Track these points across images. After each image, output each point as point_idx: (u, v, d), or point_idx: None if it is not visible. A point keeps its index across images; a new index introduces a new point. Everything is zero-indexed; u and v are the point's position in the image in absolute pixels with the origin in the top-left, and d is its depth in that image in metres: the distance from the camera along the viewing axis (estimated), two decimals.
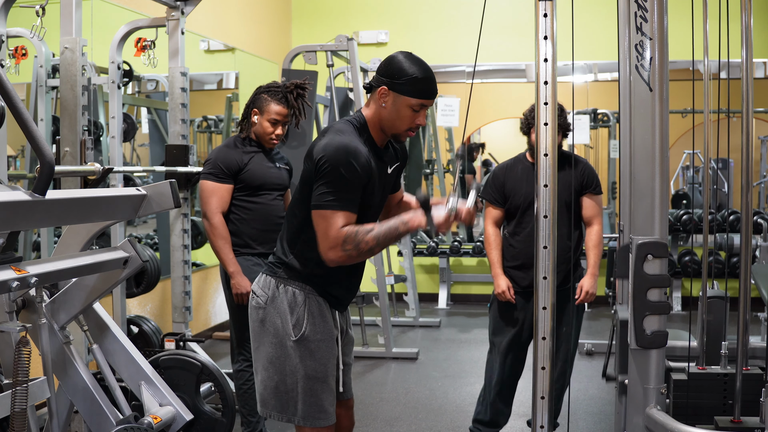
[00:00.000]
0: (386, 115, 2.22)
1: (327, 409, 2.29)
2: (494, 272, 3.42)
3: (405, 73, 2.16)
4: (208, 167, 3.33)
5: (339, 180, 2.12)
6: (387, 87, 2.18)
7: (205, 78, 6.69)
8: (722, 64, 2.58)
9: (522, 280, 3.39)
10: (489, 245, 3.46)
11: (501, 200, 3.44)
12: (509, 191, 3.41)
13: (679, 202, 7.39)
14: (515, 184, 3.40)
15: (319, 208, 2.14)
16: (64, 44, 3.15)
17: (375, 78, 2.24)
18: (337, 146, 2.13)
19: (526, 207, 3.37)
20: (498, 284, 3.38)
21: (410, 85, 2.17)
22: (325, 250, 2.15)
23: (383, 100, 2.20)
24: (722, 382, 2.76)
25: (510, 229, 3.45)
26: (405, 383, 4.74)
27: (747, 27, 2.59)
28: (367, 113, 2.27)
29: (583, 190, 3.41)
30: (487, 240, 3.48)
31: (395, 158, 2.40)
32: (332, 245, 2.13)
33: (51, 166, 1.78)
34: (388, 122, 2.23)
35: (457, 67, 7.61)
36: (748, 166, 2.67)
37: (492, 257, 3.44)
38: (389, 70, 2.19)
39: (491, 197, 3.47)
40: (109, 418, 2.24)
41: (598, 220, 3.45)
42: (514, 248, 3.42)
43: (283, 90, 3.36)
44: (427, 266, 7.54)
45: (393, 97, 2.19)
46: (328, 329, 2.31)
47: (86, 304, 2.26)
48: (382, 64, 2.23)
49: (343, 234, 2.11)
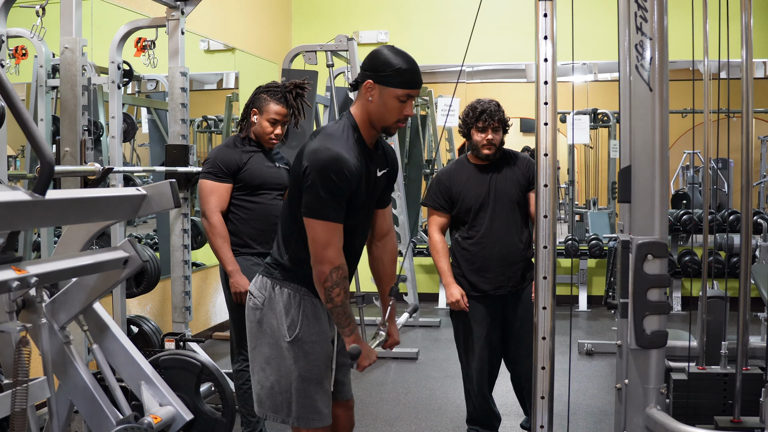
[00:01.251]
0: (374, 108, 2.22)
1: (321, 410, 2.29)
2: (446, 281, 3.34)
3: (390, 65, 2.17)
4: (207, 166, 3.33)
5: (324, 190, 2.14)
6: (373, 80, 2.19)
7: (205, 78, 6.69)
8: (722, 64, 2.58)
9: (481, 284, 3.33)
10: (437, 253, 3.38)
11: (447, 206, 3.38)
12: (456, 195, 3.35)
13: (679, 202, 7.39)
14: (463, 187, 3.34)
15: (308, 216, 2.18)
16: (64, 44, 3.15)
17: (360, 74, 2.24)
18: (325, 156, 2.14)
19: (478, 208, 3.31)
20: (452, 293, 3.32)
21: (396, 76, 2.18)
22: (318, 257, 2.19)
23: (369, 94, 2.21)
24: (722, 382, 2.76)
25: (463, 234, 3.37)
26: (405, 383, 4.74)
27: (747, 27, 2.59)
28: (356, 111, 2.26)
29: (529, 186, 3.34)
30: (434, 247, 3.39)
31: (384, 162, 2.39)
32: (318, 261, 2.18)
33: (51, 166, 1.77)
34: (376, 116, 2.23)
35: (457, 67, 7.60)
36: (748, 166, 2.67)
37: (442, 266, 3.36)
38: (374, 63, 2.20)
39: (436, 204, 3.39)
40: (109, 418, 2.24)
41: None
42: (468, 252, 3.34)
43: (282, 90, 3.36)
44: (427, 266, 7.54)
45: (379, 90, 2.20)
46: (323, 330, 2.32)
47: (86, 304, 2.26)
48: (367, 59, 2.23)
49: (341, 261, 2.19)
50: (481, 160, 3.35)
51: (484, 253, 3.30)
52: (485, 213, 3.31)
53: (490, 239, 3.30)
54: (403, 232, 6.35)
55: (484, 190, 3.32)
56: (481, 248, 3.31)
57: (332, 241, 2.16)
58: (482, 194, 3.31)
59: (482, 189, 3.32)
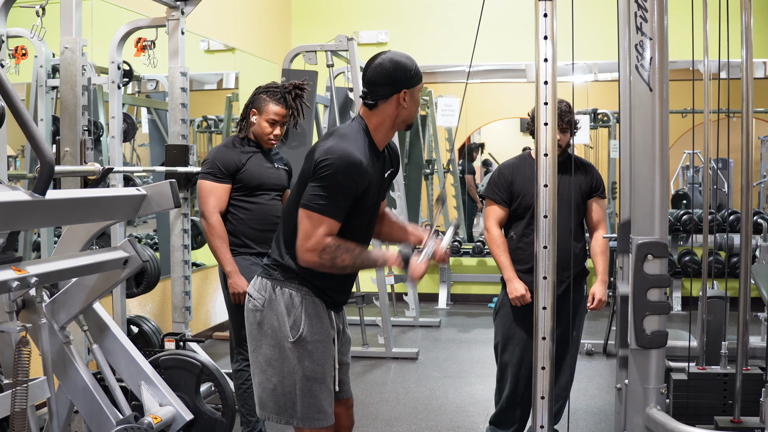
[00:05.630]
0: (408, 112, 2.28)
1: (326, 410, 2.29)
2: (507, 276, 3.23)
3: (408, 68, 2.24)
4: (206, 167, 3.33)
5: (334, 186, 2.14)
6: (406, 89, 2.24)
7: (205, 78, 6.69)
8: (722, 64, 2.58)
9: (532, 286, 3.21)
10: (497, 247, 3.27)
11: (507, 200, 3.28)
12: (517, 191, 3.26)
13: (679, 202, 7.39)
14: (525, 183, 3.24)
15: (308, 208, 2.17)
16: (64, 44, 3.15)
17: (380, 89, 2.23)
18: (340, 153, 2.15)
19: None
20: (515, 288, 3.19)
21: (416, 74, 2.26)
22: (301, 250, 2.18)
23: (404, 103, 2.25)
24: (722, 382, 2.76)
25: (518, 231, 3.28)
26: (405, 383, 4.74)
27: (747, 27, 2.59)
28: (375, 119, 2.27)
29: (591, 194, 3.32)
30: (493, 242, 3.28)
31: (390, 163, 2.42)
32: (311, 248, 2.17)
33: (51, 166, 1.78)
34: (408, 116, 2.30)
35: (456, 67, 7.61)
36: (748, 166, 2.68)
37: (502, 260, 3.25)
38: (397, 74, 2.22)
39: (497, 196, 3.28)
40: (109, 418, 2.25)
41: (603, 225, 3.36)
42: (524, 251, 3.25)
43: (281, 90, 3.36)
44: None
45: (410, 94, 2.26)
46: (325, 330, 2.32)
47: (86, 304, 2.26)
48: (383, 73, 2.22)
49: (324, 243, 2.16)
50: None
51: None
52: None
53: None
54: None
55: None
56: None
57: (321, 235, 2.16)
58: None
59: None
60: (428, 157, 7.69)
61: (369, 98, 2.25)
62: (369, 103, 2.26)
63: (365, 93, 2.26)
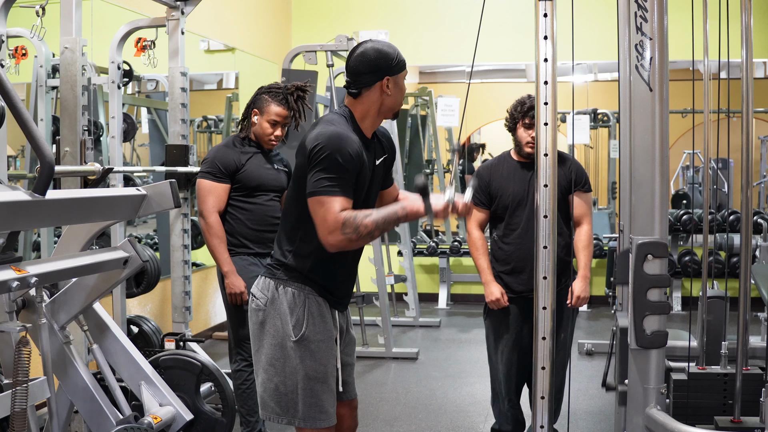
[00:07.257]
0: (392, 99, 2.29)
1: (327, 410, 2.29)
2: (485, 279, 3.24)
3: (390, 55, 2.26)
4: (205, 166, 3.34)
5: (334, 165, 2.14)
6: (389, 76, 2.25)
7: (205, 78, 6.69)
8: (722, 64, 2.58)
9: (515, 285, 3.23)
10: (476, 250, 3.27)
11: (486, 201, 3.28)
12: (495, 191, 3.26)
13: (679, 202, 7.39)
14: (502, 183, 3.25)
15: (316, 194, 2.14)
16: (64, 44, 3.15)
17: (368, 77, 2.25)
18: (330, 134, 2.16)
19: (515, 207, 3.21)
20: (491, 291, 3.21)
21: (399, 62, 2.28)
22: (324, 236, 2.14)
23: (388, 90, 2.26)
24: (722, 382, 2.76)
25: (499, 232, 3.28)
26: (405, 383, 4.74)
27: (747, 27, 2.59)
28: (360, 107, 2.28)
29: (573, 188, 3.24)
30: (473, 244, 3.28)
31: (382, 150, 2.41)
32: (332, 229, 2.12)
33: (51, 166, 1.78)
34: (394, 104, 2.30)
35: (456, 67, 7.62)
36: (748, 166, 2.68)
37: (481, 263, 3.26)
38: (379, 62, 2.24)
39: (475, 199, 3.25)
40: (109, 418, 2.25)
41: (587, 220, 3.29)
42: (503, 252, 3.25)
43: (284, 91, 3.36)
44: (427, 266, 7.54)
45: (394, 81, 2.27)
46: (328, 330, 2.31)
47: (86, 304, 2.26)
48: (365, 61, 2.24)
49: (342, 218, 2.12)
50: (523, 157, 3.25)
51: (519, 254, 3.20)
52: (522, 212, 3.21)
53: (526, 239, 3.17)
54: (403, 232, 6.36)
55: (523, 189, 3.21)
56: (516, 248, 3.21)
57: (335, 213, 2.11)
58: (521, 192, 3.21)
59: (521, 187, 3.21)
60: (428, 157, 7.69)
61: (353, 87, 2.27)
62: (353, 92, 2.28)
63: (348, 82, 2.28)
